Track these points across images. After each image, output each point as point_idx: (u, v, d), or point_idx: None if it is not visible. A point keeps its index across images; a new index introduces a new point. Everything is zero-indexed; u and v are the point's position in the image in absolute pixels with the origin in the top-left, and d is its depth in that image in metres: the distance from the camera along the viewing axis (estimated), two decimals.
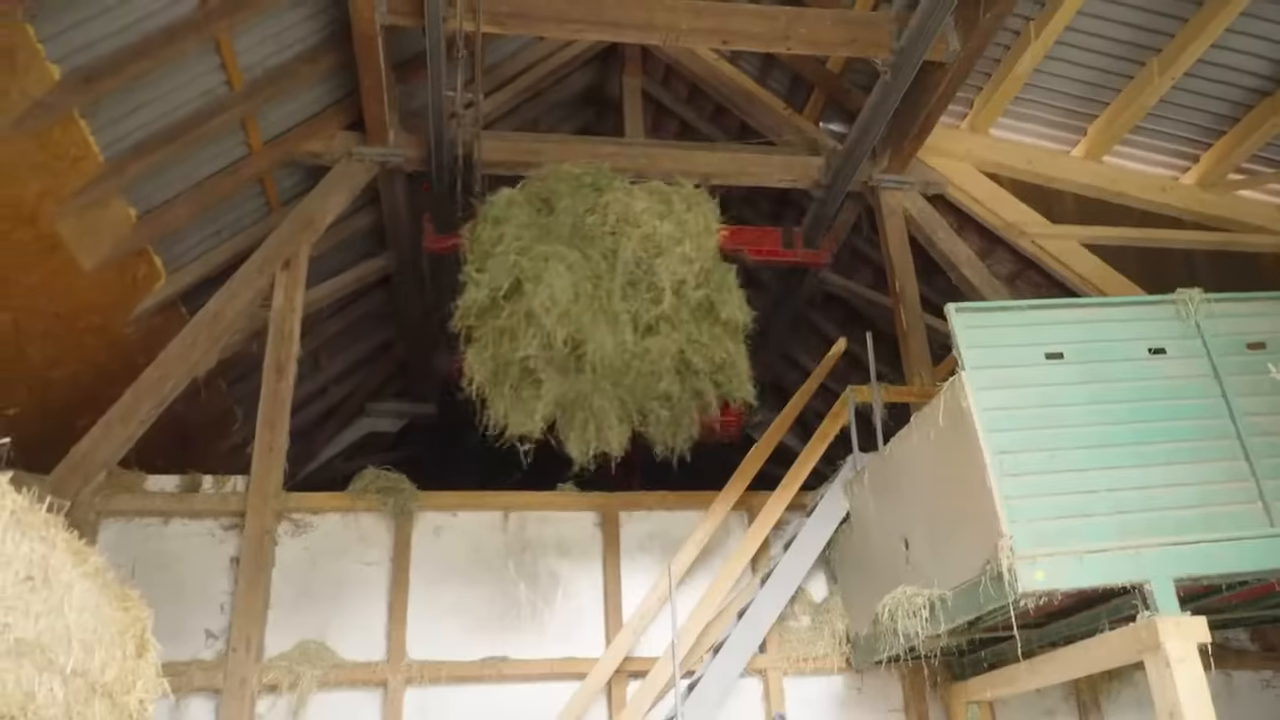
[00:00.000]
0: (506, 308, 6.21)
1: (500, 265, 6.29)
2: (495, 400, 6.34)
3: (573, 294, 6.14)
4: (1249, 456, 5.00)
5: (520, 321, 6.14)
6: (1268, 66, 7.25)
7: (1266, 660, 7.39)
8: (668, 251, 6.40)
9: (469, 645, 6.62)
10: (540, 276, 6.14)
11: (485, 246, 6.53)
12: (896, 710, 6.85)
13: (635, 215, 6.49)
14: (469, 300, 6.41)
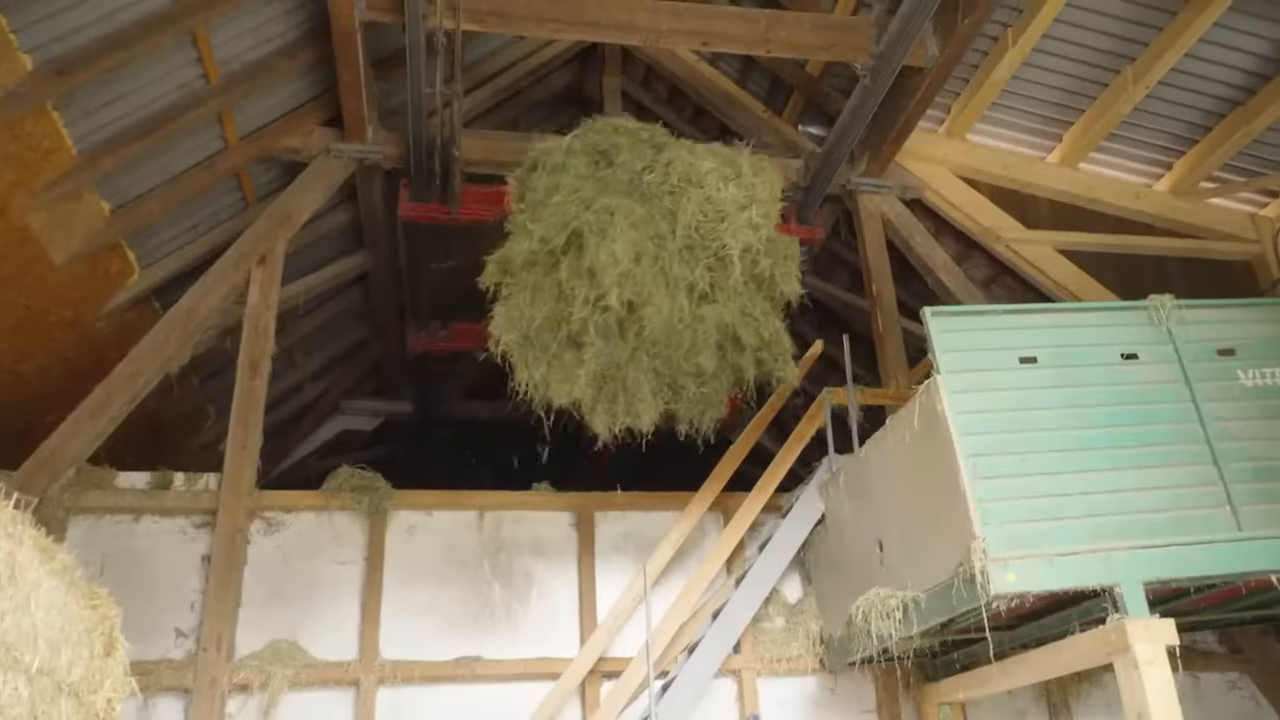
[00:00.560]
0: (562, 263, 5.80)
1: (557, 216, 5.91)
2: (529, 364, 5.98)
3: (635, 254, 5.76)
4: (1218, 461, 5.06)
5: (574, 278, 5.76)
6: (1239, 76, 7.35)
7: (1233, 662, 7.48)
8: (732, 217, 6.04)
9: (443, 645, 6.59)
10: (605, 231, 5.75)
11: (539, 195, 6.14)
12: (869, 711, 6.88)
13: (700, 175, 6.12)
14: (512, 252, 6.06)
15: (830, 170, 8.05)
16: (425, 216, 7.88)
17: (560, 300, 5.83)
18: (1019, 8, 7.13)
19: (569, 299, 5.77)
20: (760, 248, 6.13)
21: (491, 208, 7.72)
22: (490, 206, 7.75)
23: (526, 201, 6.27)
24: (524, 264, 6.02)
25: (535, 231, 5.94)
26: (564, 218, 5.89)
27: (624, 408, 6.04)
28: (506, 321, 6.03)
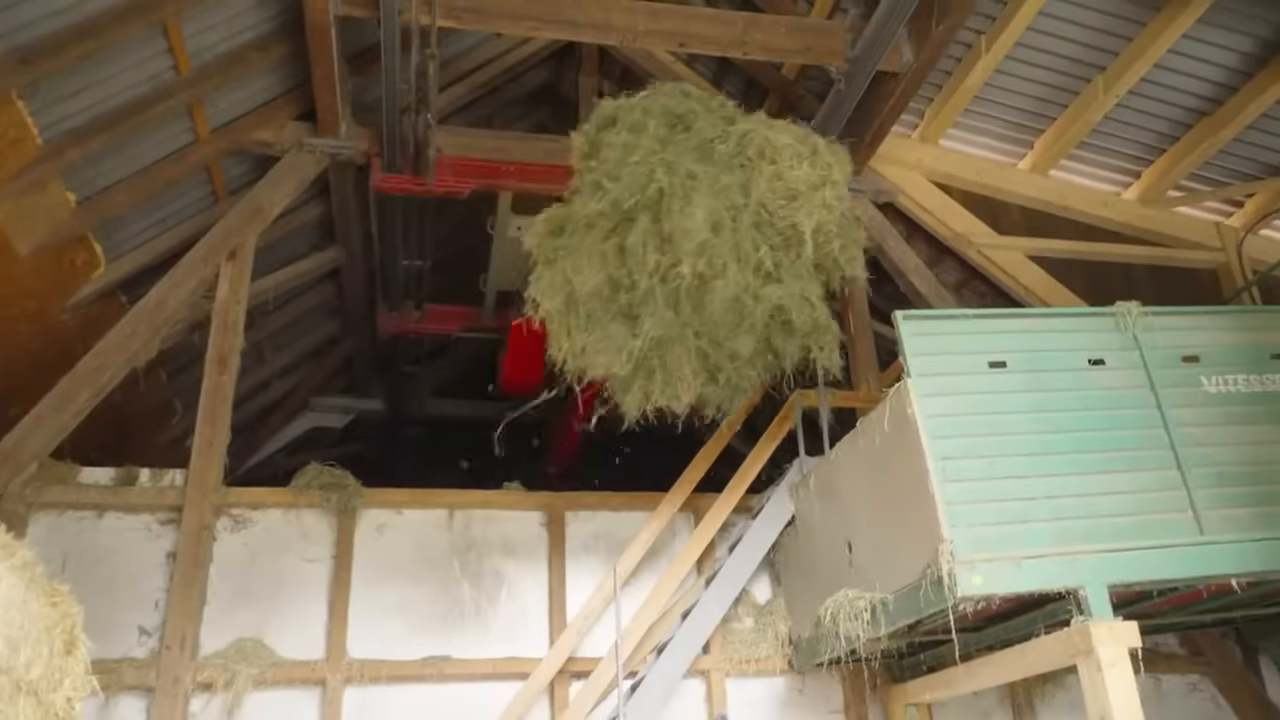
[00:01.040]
0: (633, 227, 5.55)
1: (637, 176, 5.62)
2: (570, 332, 5.75)
3: (713, 224, 5.52)
4: (1181, 466, 5.14)
5: (646, 244, 5.50)
6: (1206, 88, 7.46)
7: (1194, 664, 7.59)
8: (805, 196, 5.80)
9: (411, 644, 6.55)
10: (689, 197, 5.51)
11: (615, 153, 5.83)
12: (837, 712, 6.91)
13: (776, 150, 5.87)
14: (574, 211, 5.82)
15: None
16: (398, 188, 7.65)
17: (622, 266, 5.57)
18: (993, 15, 7.19)
19: (635, 265, 5.50)
20: (833, 229, 5.92)
21: (467, 180, 7.67)
22: (466, 179, 7.68)
23: (600, 159, 5.92)
24: (583, 225, 5.76)
25: (610, 191, 5.64)
26: (642, 179, 5.62)
27: (660, 387, 5.81)
28: (550, 286, 5.77)
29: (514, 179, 7.86)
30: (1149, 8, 6.91)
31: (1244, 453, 5.23)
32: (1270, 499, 5.10)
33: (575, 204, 5.90)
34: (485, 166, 7.80)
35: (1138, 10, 6.96)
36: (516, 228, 8.22)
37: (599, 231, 5.72)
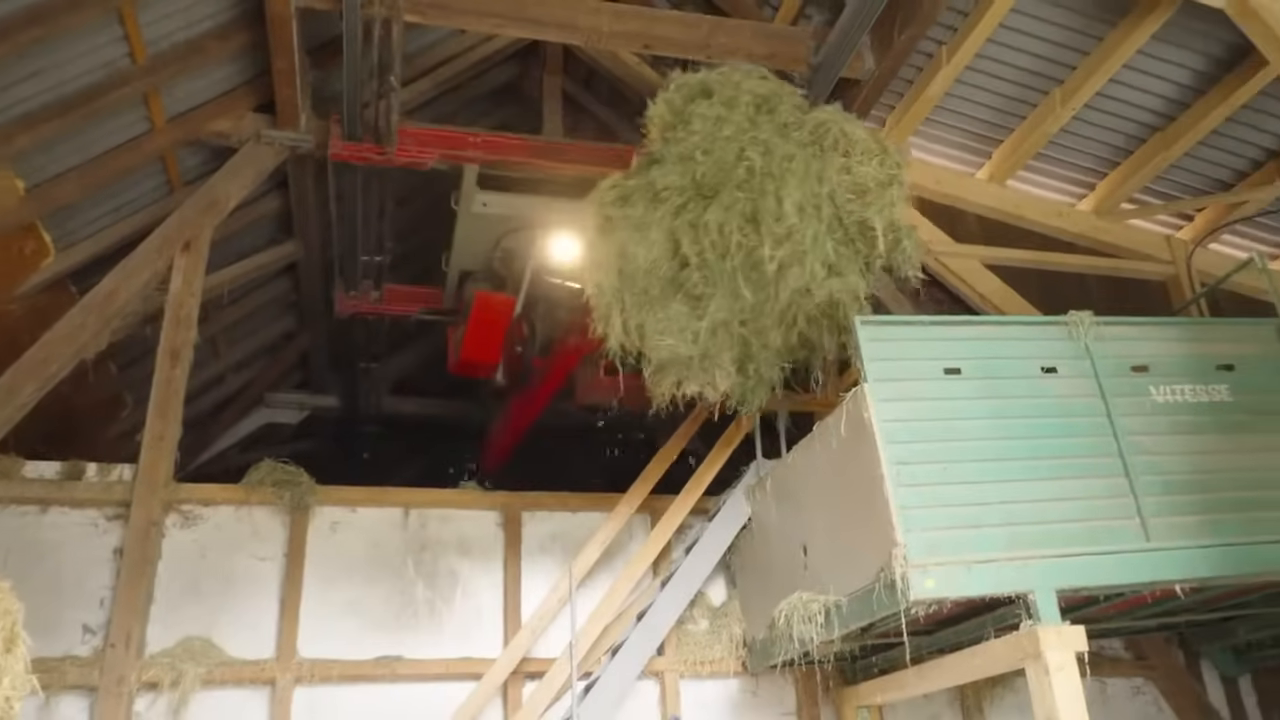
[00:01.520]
0: (714, 203, 5.38)
1: (727, 153, 5.51)
2: (625, 308, 5.58)
3: (799, 210, 5.40)
4: (1129, 474, 5.23)
5: (728, 223, 5.37)
6: (1160, 104, 7.61)
7: (1138, 668, 7.74)
8: (874, 193, 5.70)
9: (363, 644, 6.49)
10: (784, 180, 5.38)
11: (708, 126, 5.68)
12: (789, 714, 6.96)
13: (850, 144, 5.77)
14: (647, 181, 5.64)
15: None
16: (357, 157, 7.34)
17: (695, 243, 5.40)
18: (954, 26, 7.28)
19: (710, 244, 5.34)
20: (903, 228, 5.84)
21: (430, 150, 7.43)
22: (429, 149, 7.45)
23: (689, 129, 5.75)
24: (650, 197, 5.59)
25: (701, 164, 5.47)
26: (733, 155, 5.49)
27: (697, 374, 5.68)
28: (605, 258, 5.60)
29: (480, 151, 7.64)
30: (1105, 23, 7.04)
31: (1189, 461, 5.34)
32: (1214, 507, 5.21)
33: (652, 173, 5.68)
34: (449, 137, 7.58)
35: (1094, 25, 7.08)
36: (482, 203, 8.02)
37: (670, 205, 5.56)
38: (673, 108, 5.98)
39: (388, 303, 9.32)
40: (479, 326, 8.43)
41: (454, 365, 8.95)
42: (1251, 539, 5.14)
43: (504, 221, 8.24)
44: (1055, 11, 7.03)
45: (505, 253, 8.47)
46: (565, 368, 8.41)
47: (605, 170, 7.34)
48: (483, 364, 8.72)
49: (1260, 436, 5.52)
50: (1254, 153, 7.97)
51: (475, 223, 8.20)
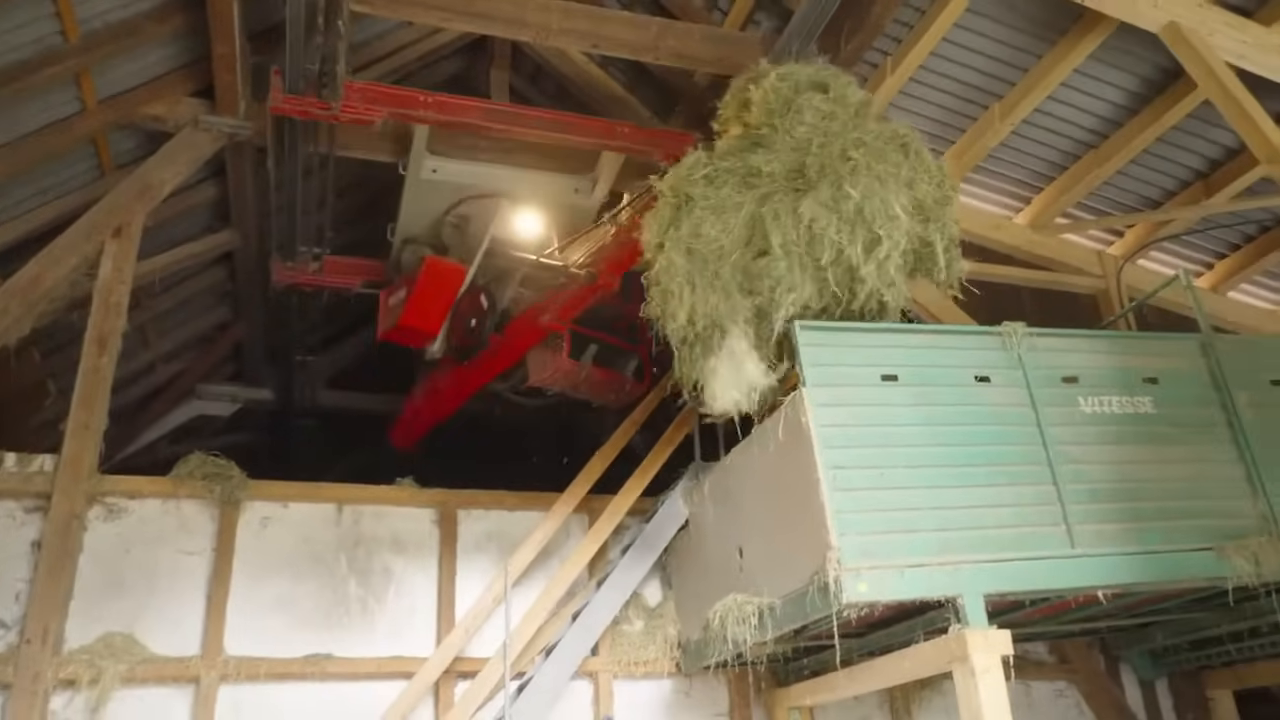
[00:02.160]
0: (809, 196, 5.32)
1: (833, 148, 5.47)
2: (695, 287, 5.46)
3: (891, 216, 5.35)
4: (1057, 482, 5.34)
5: (823, 216, 5.27)
6: (1094, 121, 7.82)
7: (1061, 671, 7.93)
8: (935, 210, 5.69)
9: (292, 642, 6.37)
10: (886, 182, 5.37)
11: (817, 119, 5.62)
12: (722, 715, 6.99)
13: (920, 161, 5.73)
14: (754, 163, 5.52)
15: None
16: (299, 111, 6.81)
17: (778, 232, 5.32)
18: (899, 38, 7.39)
19: (799, 237, 5.26)
20: (955, 247, 5.82)
21: (378, 107, 6.93)
22: (377, 106, 6.94)
23: (801, 120, 5.66)
24: (741, 180, 5.51)
25: (815, 156, 5.40)
26: (838, 152, 5.45)
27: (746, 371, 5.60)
28: (678, 236, 5.51)
29: (431, 111, 7.16)
30: (1045, 41, 7.21)
31: (1114, 471, 5.48)
32: (1136, 515, 5.35)
33: (754, 157, 5.59)
34: (399, 95, 7.14)
35: (1034, 44, 7.25)
36: (431, 170, 7.72)
37: (757, 192, 5.49)
38: (782, 96, 5.85)
39: (327, 274, 8.80)
40: (426, 292, 7.99)
41: (387, 330, 8.38)
42: (1171, 547, 5.29)
43: (455, 190, 7.95)
44: (997, 28, 7.18)
45: (460, 219, 8.16)
46: (523, 346, 8.06)
47: (563, 139, 7.21)
48: (421, 332, 8.20)
49: (1181, 448, 5.69)
50: (1182, 173, 8.23)
51: (424, 190, 7.88)
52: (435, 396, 9.03)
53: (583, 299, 7.48)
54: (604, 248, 7.39)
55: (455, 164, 7.80)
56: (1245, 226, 8.71)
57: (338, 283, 8.88)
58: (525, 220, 7.94)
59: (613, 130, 7.56)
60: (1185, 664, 7.73)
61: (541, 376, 8.02)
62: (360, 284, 8.92)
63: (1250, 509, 5.57)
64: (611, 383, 8.13)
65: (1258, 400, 5.97)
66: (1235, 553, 5.30)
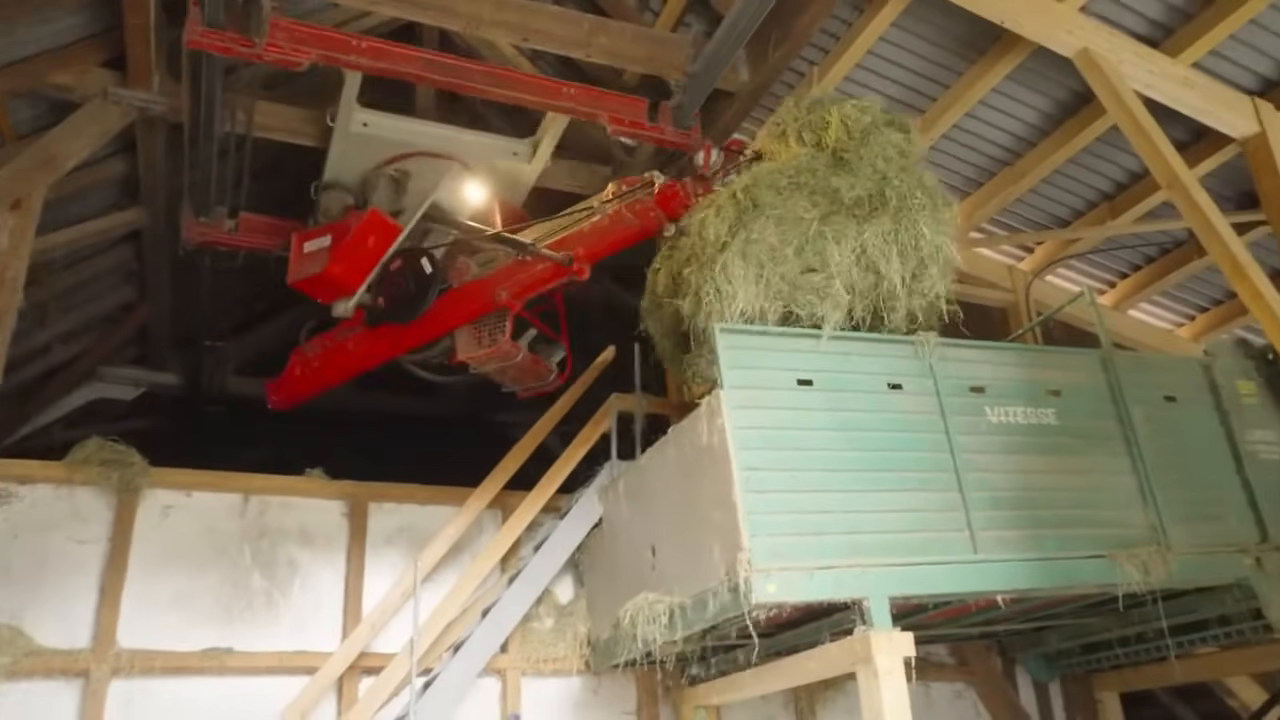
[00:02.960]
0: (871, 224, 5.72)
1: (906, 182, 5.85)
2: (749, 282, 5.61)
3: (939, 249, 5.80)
4: (963, 489, 5.47)
5: (876, 240, 5.66)
6: (1010, 140, 8.07)
7: (959, 673, 8.16)
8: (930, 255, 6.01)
9: (190, 635, 6.19)
10: (935, 219, 5.80)
11: (891, 152, 5.97)
12: (629, 713, 7.02)
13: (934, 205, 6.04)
14: (835, 185, 5.79)
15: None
16: (218, 47, 6.22)
17: (838, 252, 5.61)
18: (826, 49, 7.51)
19: (855, 259, 5.61)
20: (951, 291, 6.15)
21: (306, 49, 6.43)
22: (306, 47, 6.37)
23: (878, 154, 5.93)
24: (809, 196, 5.75)
25: (896, 185, 5.75)
26: (910, 188, 5.82)
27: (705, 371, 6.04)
28: (745, 236, 5.67)
29: (365, 58, 6.66)
30: (965, 60, 7.41)
31: (1016, 479, 5.65)
32: (1035, 523, 5.54)
33: (838, 179, 5.81)
34: (331, 38, 6.57)
35: (955, 61, 7.45)
36: (362, 123, 7.35)
37: (818, 210, 5.71)
38: (861, 126, 6.11)
39: (243, 233, 8.08)
40: (360, 244, 7.38)
41: (302, 278, 7.52)
42: (1067, 554, 5.49)
43: (387, 145, 7.58)
44: (920, 44, 7.36)
45: (401, 174, 7.73)
46: (460, 318, 7.57)
47: (506, 95, 6.91)
48: (339, 285, 7.48)
49: (1080, 459, 5.90)
50: (1090, 194, 8.54)
51: (353, 144, 7.48)
52: (336, 357, 8.29)
53: (546, 281, 7.24)
54: (583, 234, 7.20)
55: (388, 119, 7.47)
56: (1146, 248, 9.09)
57: (255, 243, 8.17)
58: (473, 189, 7.66)
59: (558, 90, 7.23)
60: (1076, 667, 8.02)
61: (473, 354, 7.59)
62: (280, 246, 8.15)
63: (1142, 519, 5.81)
64: (537, 371, 7.88)
65: (1152, 415, 6.24)
66: (1126, 561, 5.53)
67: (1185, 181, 6.78)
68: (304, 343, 8.35)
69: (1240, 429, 6.49)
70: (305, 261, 7.52)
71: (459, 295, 7.52)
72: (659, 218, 6.90)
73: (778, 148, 6.33)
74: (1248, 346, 7.12)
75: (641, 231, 7.01)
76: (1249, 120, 7.10)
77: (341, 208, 7.78)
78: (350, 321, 7.87)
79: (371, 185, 7.86)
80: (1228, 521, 6.10)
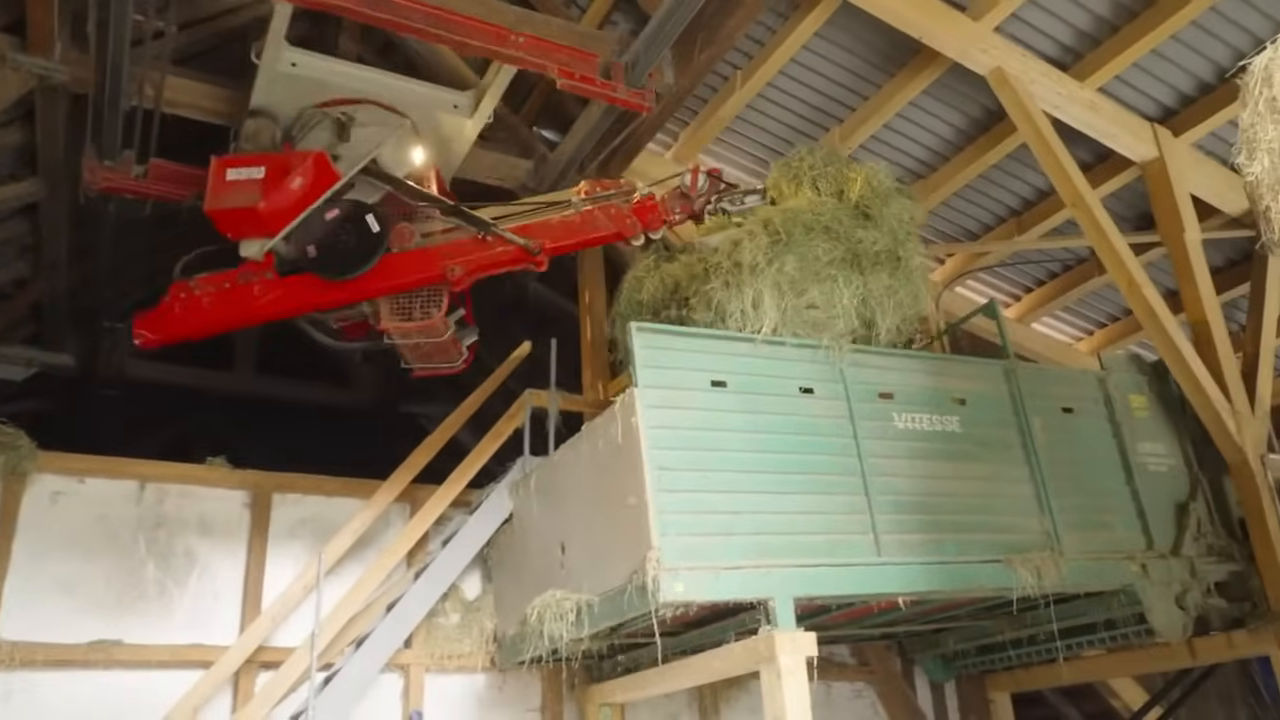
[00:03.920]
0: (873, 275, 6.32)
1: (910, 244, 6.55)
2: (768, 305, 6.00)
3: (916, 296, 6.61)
4: (869, 493, 5.60)
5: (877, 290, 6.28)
6: (925, 153, 8.27)
7: (860, 673, 8.34)
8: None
9: (78, 627, 5.95)
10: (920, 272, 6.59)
11: (902, 215, 6.59)
12: (534, 710, 6.98)
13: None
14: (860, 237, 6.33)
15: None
16: None
17: (846, 293, 6.15)
18: (750, 54, 7.59)
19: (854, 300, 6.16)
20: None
21: None
22: None
23: (894, 218, 6.53)
24: (830, 241, 6.22)
25: (905, 248, 6.45)
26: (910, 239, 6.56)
27: None
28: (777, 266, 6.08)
29: None
30: (884, 73, 7.57)
31: (920, 484, 5.80)
32: (936, 527, 5.69)
33: (864, 232, 6.38)
34: None
35: (874, 73, 7.60)
36: (291, 63, 6.89)
37: (833, 255, 6.22)
38: (882, 189, 6.69)
39: (152, 180, 7.37)
40: (297, 185, 6.79)
41: (222, 207, 6.84)
42: (965, 558, 5.66)
43: (317, 88, 7.09)
44: (841, 54, 7.49)
45: (348, 118, 7.18)
46: (392, 285, 7.04)
47: (450, 39, 6.56)
48: (264, 224, 6.88)
49: (981, 466, 6.09)
50: (999, 209, 8.81)
51: (280, 86, 7.01)
52: (235, 300, 7.32)
53: (504, 264, 7.02)
54: (550, 226, 7.02)
55: (321, 60, 7.07)
56: (1050, 264, 9.42)
57: (165, 192, 7.44)
58: (417, 152, 7.34)
59: (506, 37, 6.75)
60: (971, 668, 8.27)
61: (401, 324, 7.09)
62: (193, 196, 7.38)
63: (1037, 525, 6.03)
64: (450, 352, 7.62)
65: (1050, 425, 6.47)
66: (1021, 565, 5.72)
67: (1088, 201, 7.05)
68: (182, 275, 7.29)
69: (1131, 441, 6.78)
70: (229, 190, 6.87)
71: (400, 261, 7.04)
72: (634, 226, 7.02)
73: (790, 189, 6.88)
74: (1140, 362, 7.44)
75: (611, 236, 7.07)
76: (1149, 145, 7.41)
77: (270, 138, 7.20)
78: (256, 265, 7.09)
79: (310, 122, 7.26)
80: (1116, 530, 6.37)
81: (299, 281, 6.93)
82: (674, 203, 7.11)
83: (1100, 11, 6.79)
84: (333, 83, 7.13)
